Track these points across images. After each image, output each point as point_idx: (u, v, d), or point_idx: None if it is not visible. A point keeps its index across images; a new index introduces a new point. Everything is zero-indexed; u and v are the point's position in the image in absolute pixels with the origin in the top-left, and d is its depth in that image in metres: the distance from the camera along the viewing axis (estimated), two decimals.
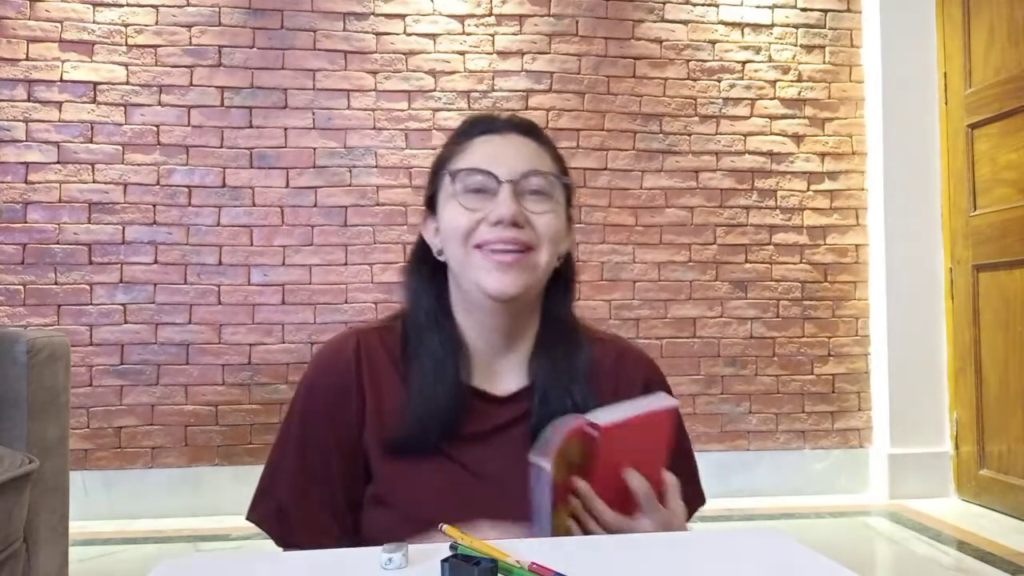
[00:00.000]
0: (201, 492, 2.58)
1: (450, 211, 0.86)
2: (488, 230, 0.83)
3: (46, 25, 2.61)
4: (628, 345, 0.98)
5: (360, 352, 0.87)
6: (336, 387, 0.86)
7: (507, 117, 0.92)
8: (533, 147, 0.88)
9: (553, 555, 0.62)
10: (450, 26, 2.78)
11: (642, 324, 2.81)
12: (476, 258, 0.84)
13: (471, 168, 0.85)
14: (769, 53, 2.92)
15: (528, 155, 0.87)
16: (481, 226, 0.83)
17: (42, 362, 1.45)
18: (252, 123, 2.69)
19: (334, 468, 0.85)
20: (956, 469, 2.76)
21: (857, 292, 2.91)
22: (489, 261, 0.83)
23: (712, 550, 0.70)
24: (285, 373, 2.65)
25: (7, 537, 1.25)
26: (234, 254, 2.66)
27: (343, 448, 0.85)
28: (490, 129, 0.89)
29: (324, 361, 0.89)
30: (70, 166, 2.60)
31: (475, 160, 0.86)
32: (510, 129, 0.89)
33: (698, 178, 2.87)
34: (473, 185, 0.85)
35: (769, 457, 2.79)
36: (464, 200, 0.84)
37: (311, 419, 0.86)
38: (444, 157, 0.91)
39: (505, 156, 0.86)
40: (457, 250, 0.85)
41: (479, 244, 0.83)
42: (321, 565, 0.67)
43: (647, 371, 0.95)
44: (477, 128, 0.90)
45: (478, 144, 0.88)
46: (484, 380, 0.89)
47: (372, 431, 0.85)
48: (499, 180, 0.84)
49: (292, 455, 0.85)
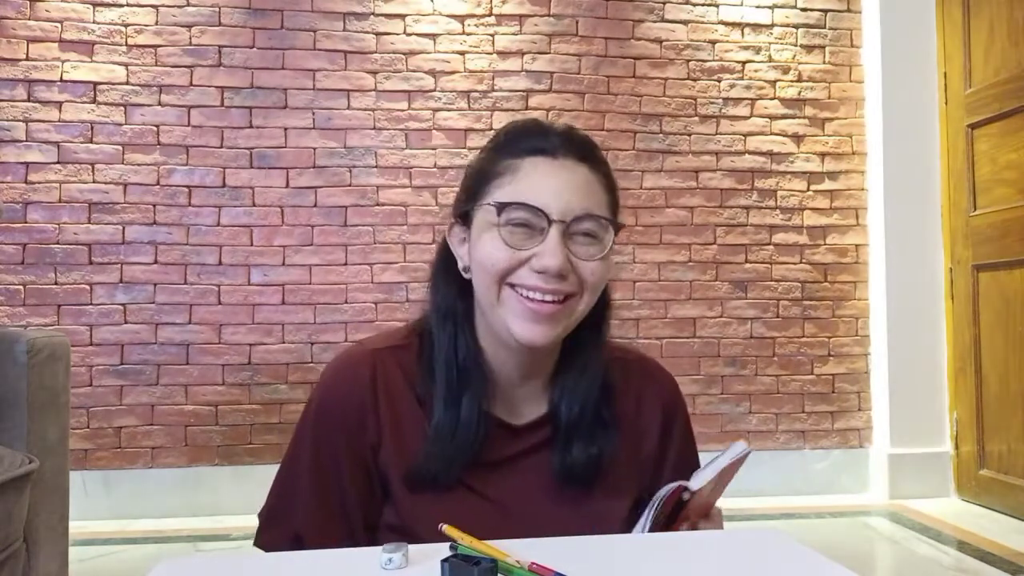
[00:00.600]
0: (201, 492, 2.57)
1: (489, 242, 0.77)
2: (528, 274, 0.76)
3: (46, 25, 2.61)
4: (650, 367, 0.93)
5: (376, 374, 0.82)
6: (351, 410, 0.81)
7: (562, 132, 0.81)
8: (588, 176, 0.79)
9: (553, 555, 0.62)
10: (450, 26, 2.78)
11: (642, 324, 2.81)
12: (510, 299, 0.77)
13: (519, 203, 0.76)
14: (769, 53, 2.92)
15: (583, 189, 0.78)
16: (522, 269, 0.76)
17: (42, 362, 1.45)
18: (252, 123, 2.69)
19: (351, 492, 0.81)
20: (956, 469, 2.76)
21: (857, 292, 2.91)
22: (523, 306, 0.77)
23: (712, 550, 0.70)
24: (285, 373, 2.65)
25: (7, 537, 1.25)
26: (234, 254, 2.66)
27: (360, 472, 0.81)
28: (543, 149, 0.79)
29: (338, 382, 0.83)
30: (70, 166, 2.60)
31: (524, 191, 0.76)
32: (566, 151, 0.79)
33: (698, 178, 2.87)
34: (518, 220, 0.76)
35: (769, 457, 2.79)
36: (507, 235, 0.76)
37: (326, 443, 0.81)
38: (486, 170, 0.81)
39: (559, 189, 0.76)
40: (489, 285, 0.78)
41: (515, 283, 0.77)
42: (321, 565, 0.67)
43: (667, 396, 0.91)
44: (528, 143, 0.79)
45: (528, 168, 0.78)
46: (503, 408, 0.85)
47: (389, 454, 0.81)
48: (550, 220, 0.75)
49: (306, 479, 0.81)
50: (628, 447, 0.86)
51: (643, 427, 0.88)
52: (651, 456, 0.88)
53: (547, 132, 0.81)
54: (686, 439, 0.91)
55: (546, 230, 0.76)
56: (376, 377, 0.82)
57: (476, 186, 0.81)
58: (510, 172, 0.79)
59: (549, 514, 0.80)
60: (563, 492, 0.82)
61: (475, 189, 0.81)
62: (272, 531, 0.83)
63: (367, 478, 0.81)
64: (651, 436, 0.88)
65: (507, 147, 0.81)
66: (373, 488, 0.82)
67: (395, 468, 0.81)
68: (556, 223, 0.76)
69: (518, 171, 0.78)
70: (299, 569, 0.66)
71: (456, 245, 0.84)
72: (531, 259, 0.76)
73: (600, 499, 0.82)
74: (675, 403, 0.91)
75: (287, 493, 0.83)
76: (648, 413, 0.88)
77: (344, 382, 0.83)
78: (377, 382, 0.82)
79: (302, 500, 0.81)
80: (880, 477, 2.78)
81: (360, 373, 0.82)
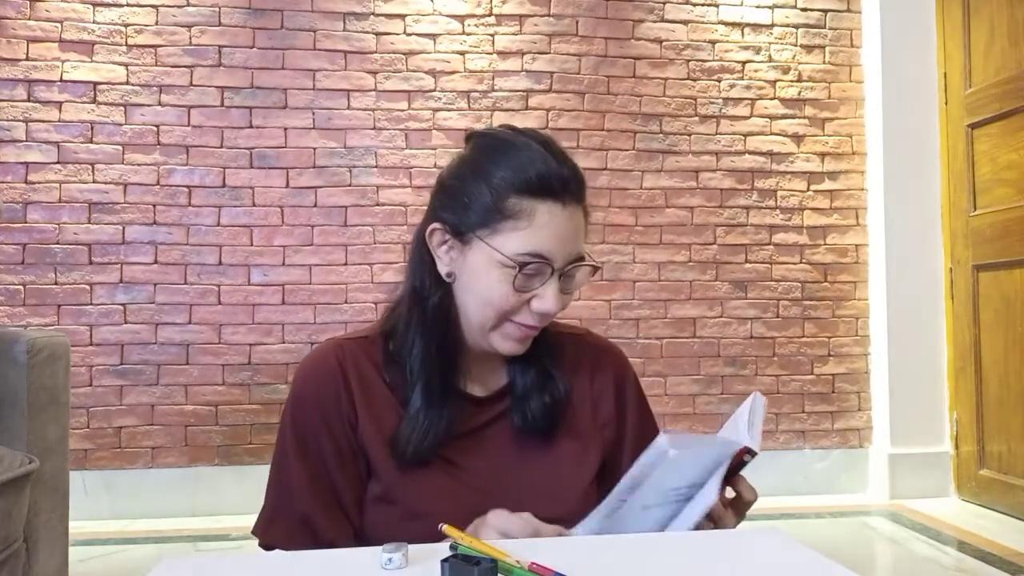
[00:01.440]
0: (201, 492, 2.58)
1: (498, 283, 0.83)
2: (527, 313, 0.84)
3: (46, 25, 2.61)
4: (599, 339, 1.02)
5: (343, 357, 0.88)
6: (323, 393, 0.87)
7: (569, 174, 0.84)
8: (580, 217, 0.86)
9: (553, 555, 0.62)
10: (450, 26, 2.78)
11: (642, 324, 2.81)
12: (506, 327, 0.86)
13: (535, 255, 0.81)
14: (769, 53, 2.92)
15: (579, 234, 0.85)
16: (524, 309, 0.84)
17: (42, 362, 1.45)
18: (252, 123, 2.69)
19: (337, 471, 0.86)
20: (956, 469, 2.76)
21: (857, 292, 2.91)
22: (517, 333, 0.86)
23: (712, 550, 0.70)
24: (285, 373, 2.65)
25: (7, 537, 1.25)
26: (234, 254, 2.66)
27: (342, 450, 0.86)
28: (559, 196, 0.82)
29: (307, 371, 0.89)
30: (70, 166, 2.60)
31: (541, 242, 0.81)
32: (575, 198, 0.84)
33: (698, 178, 2.87)
34: (530, 271, 0.82)
35: (769, 457, 2.79)
36: (519, 283, 0.82)
37: (305, 429, 0.86)
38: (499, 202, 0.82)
39: (565, 239, 0.83)
40: (487, 316, 0.85)
41: (513, 319, 0.85)
42: (321, 565, 0.67)
43: (617, 364, 0.99)
44: (544, 185, 0.82)
45: (544, 217, 0.82)
46: (471, 382, 0.92)
47: (367, 431, 0.86)
48: (553, 269, 0.83)
49: (297, 468, 0.85)
50: (587, 407, 0.95)
51: (598, 392, 0.96)
52: (611, 418, 0.96)
53: (557, 173, 0.83)
54: (639, 401, 1.00)
55: (548, 276, 0.83)
56: (344, 362, 0.88)
57: (481, 212, 0.83)
58: (527, 217, 0.82)
59: (519, 471, 0.88)
60: (529, 449, 0.89)
61: (480, 215, 0.83)
62: (278, 525, 0.86)
63: (351, 456, 0.87)
64: (607, 400, 0.96)
65: (521, 181, 0.82)
66: (357, 463, 0.87)
67: (374, 444, 0.86)
68: (557, 272, 0.84)
69: (534, 218, 0.82)
70: (299, 569, 0.66)
71: (436, 247, 0.88)
72: (531, 300, 0.84)
73: (564, 450, 0.90)
74: (625, 370, 1.00)
75: (283, 487, 0.87)
76: (602, 380, 0.97)
77: (314, 371, 0.88)
78: (346, 366, 0.88)
79: (297, 487, 0.85)
80: (880, 477, 2.78)
81: (328, 361, 0.88)
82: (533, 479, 0.88)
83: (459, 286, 0.87)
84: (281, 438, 0.88)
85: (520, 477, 0.88)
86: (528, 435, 0.90)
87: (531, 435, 0.90)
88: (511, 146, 0.85)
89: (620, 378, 0.98)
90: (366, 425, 0.86)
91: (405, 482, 0.85)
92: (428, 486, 0.85)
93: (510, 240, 0.82)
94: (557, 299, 0.83)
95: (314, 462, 0.85)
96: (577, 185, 0.85)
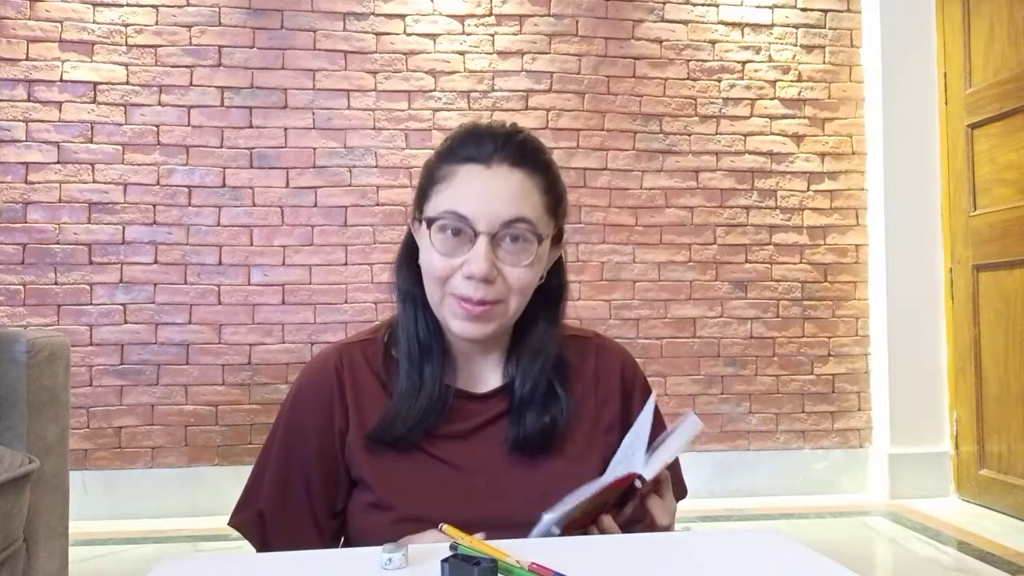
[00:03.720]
0: (201, 492, 2.58)
1: (426, 251, 0.85)
2: (462, 282, 0.82)
3: (46, 25, 2.61)
4: (606, 343, 1.00)
5: (342, 365, 0.89)
6: (318, 400, 0.88)
7: (500, 140, 0.85)
8: (522, 182, 0.83)
9: (553, 555, 0.62)
10: (450, 26, 2.78)
11: (642, 324, 2.81)
12: (448, 301, 0.84)
13: (449, 212, 0.82)
14: (769, 53, 2.92)
15: (514, 196, 0.82)
16: (456, 276, 0.83)
17: (42, 362, 1.45)
18: (252, 123, 2.69)
19: (315, 477, 0.87)
20: (956, 469, 2.76)
21: (857, 292, 2.91)
22: (460, 309, 0.83)
23: (712, 550, 0.70)
24: (285, 373, 2.65)
25: (7, 537, 1.25)
26: (234, 254, 2.66)
27: (324, 458, 0.87)
28: (477, 157, 0.83)
29: (308, 375, 0.91)
30: (70, 166, 2.60)
31: (455, 201, 0.82)
32: (500, 159, 0.83)
33: (698, 178, 2.87)
34: (449, 228, 0.82)
35: (769, 457, 2.79)
36: (439, 244, 0.83)
37: (294, 430, 0.88)
38: (432, 175, 0.87)
39: (488, 198, 0.82)
40: (433, 289, 0.85)
41: (450, 289, 0.84)
42: (321, 565, 0.67)
43: (623, 364, 0.97)
44: (465, 150, 0.84)
45: (462, 176, 0.83)
46: (465, 379, 0.91)
47: (356, 437, 0.87)
48: (475, 230, 0.81)
49: (274, 465, 0.88)
50: (589, 417, 0.92)
51: (603, 397, 0.93)
52: (615, 421, 0.93)
53: (483, 138, 0.85)
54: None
55: (474, 239, 0.82)
56: (342, 368, 0.89)
57: (425, 188, 0.87)
58: (446, 180, 0.84)
59: (510, 479, 0.86)
60: (522, 459, 0.88)
61: (424, 191, 0.88)
62: (242, 512, 0.89)
63: (332, 464, 0.87)
64: (612, 403, 0.94)
65: (448, 153, 0.86)
66: (337, 474, 0.87)
67: (362, 451, 0.86)
68: (483, 233, 0.81)
69: (453, 179, 0.84)
70: (299, 569, 0.66)
71: (418, 237, 0.90)
72: (463, 266, 0.82)
73: (558, 465, 0.87)
74: (632, 370, 0.97)
75: (258, 477, 0.89)
76: (607, 383, 0.94)
77: (313, 374, 0.90)
78: (343, 372, 0.89)
79: (269, 482, 0.87)
80: (880, 477, 2.78)
81: (327, 365, 0.90)
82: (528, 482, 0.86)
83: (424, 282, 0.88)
84: (273, 428, 0.90)
85: (516, 480, 0.86)
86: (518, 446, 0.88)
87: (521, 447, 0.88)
88: (456, 129, 0.89)
89: (628, 381, 0.95)
90: (356, 432, 0.87)
91: (397, 486, 0.84)
92: (421, 488, 0.84)
93: (434, 204, 0.84)
94: (484, 261, 0.80)
95: (291, 465, 0.87)
96: (510, 149, 0.84)
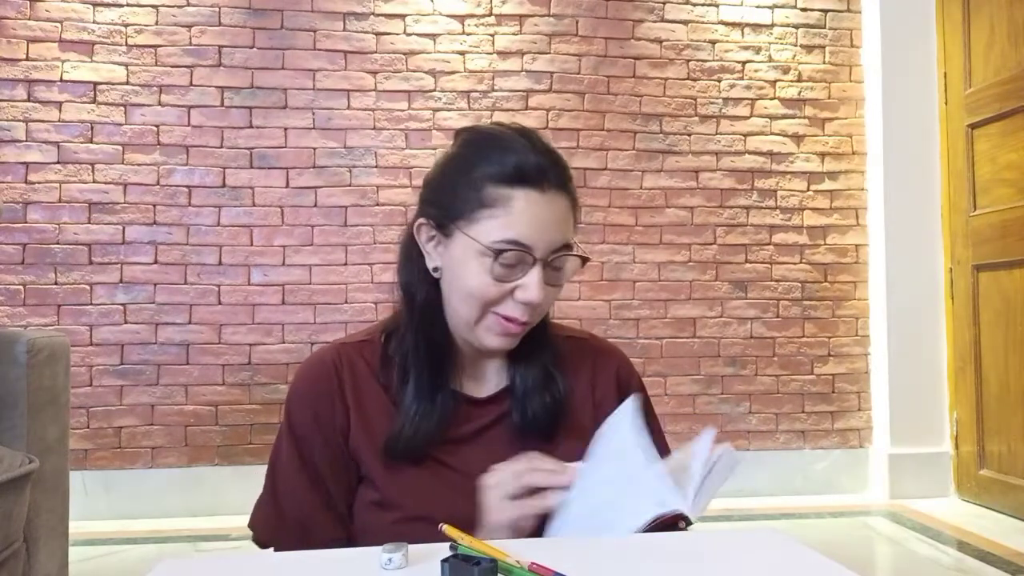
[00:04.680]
0: (201, 492, 2.58)
1: (477, 273, 0.82)
2: (511, 304, 0.83)
3: (46, 25, 2.61)
4: (601, 342, 1.01)
5: (339, 362, 0.89)
6: (318, 395, 0.87)
7: (548, 160, 0.83)
8: (565, 205, 0.84)
9: (553, 555, 0.62)
10: (450, 26, 2.78)
11: (642, 324, 2.81)
12: (489, 320, 0.84)
13: (511, 241, 0.80)
14: (769, 53, 2.92)
15: (561, 222, 0.83)
16: (507, 300, 0.83)
17: (42, 362, 1.45)
18: (252, 123, 2.69)
19: (330, 476, 0.86)
20: (956, 469, 2.76)
21: (857, 292, 2.91)
22: (500, 327, 0.84)
23: (712, 550, 0.70)
24: (285, 373, 2.65)
25: (7, 537, 1.25)
26: (234, 254, 2.66)
27: (334, 453, 0.87)
28: (531, 181, 0.81)
29: (303, 374, 0.90)
30: (70, 166, 2.60)
31: (517, 229, 0.80)
32: (550, 183, 0.82)
33: (698, 178, 2.87)
34: (508, 259, 0.81)
35: (769, 457, 2.79)
36: (496, 271, 0.81)
37: (301, 431, 0.87)
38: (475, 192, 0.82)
39: (545, 226, 0.81)
40: (471, 308, 0.84)
41: (496, 310, 0.83)
42: (321, 565, 0.67)
43: (619, 366, 0.98)
44: (522, 175, 0.81)
45: (521, 203, 0.81)
46: (468, 382, 0.92)
47: (359, 436, 0.86)
48: (535, 258, 0.81)
49: (294, 471, 0.86)
50: (587, 417, 0.91)
51: (599, 398, 0.94)
52: None
53: (537, 159, 0.82)
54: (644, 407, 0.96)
55: (530, 265, 0.82)
56: (339, 367, 0.88)
57: (461, 204, 0.83)
58: (502, 205, 0.81)
59: None
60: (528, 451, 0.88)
61: (460, 206, 0.83)
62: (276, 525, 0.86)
63: (343, 463, 0.87)
64: (609, 406, 0.93)
65: (499, 173, 0.82)
66: (349, 468, 0.87)
67: (365, 449, 0.86)
68: (539, 260, 0.82)
69: (510, 205, 0.81)
70: (299, 569, 0.66)
71: (424, 242, 0.88)
72: (514, 290, 0.82)
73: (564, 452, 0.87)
74: (628, 372, 0.98)
75: (281, 488, 0.87)
76: (603, 384, 0.95)
77: (310, 375, 0.89)
78: (341, 371, 0.88)
79: (296, 489, 0.86)
80: (880, 477, 2.78)
81: (324, 365, 0.89)
82: None
83: (445, 281, 0.87)
84: (279, 437, 0.89)
85: None
86: (528, 435, 0.89)
87: (531, 435, 0.89)
88: (492, 138, 0.86)
89: (623, 383, 0.96)
90: (358, 432, 0.86)
91: (401, 487, 0.84)
92: (425, 491, 0.84)
93: (487, 228, 0.81)
94: (540, 288, 0.81)
95: (311, 466, 0.86)
96: (558, 172, 0.84)
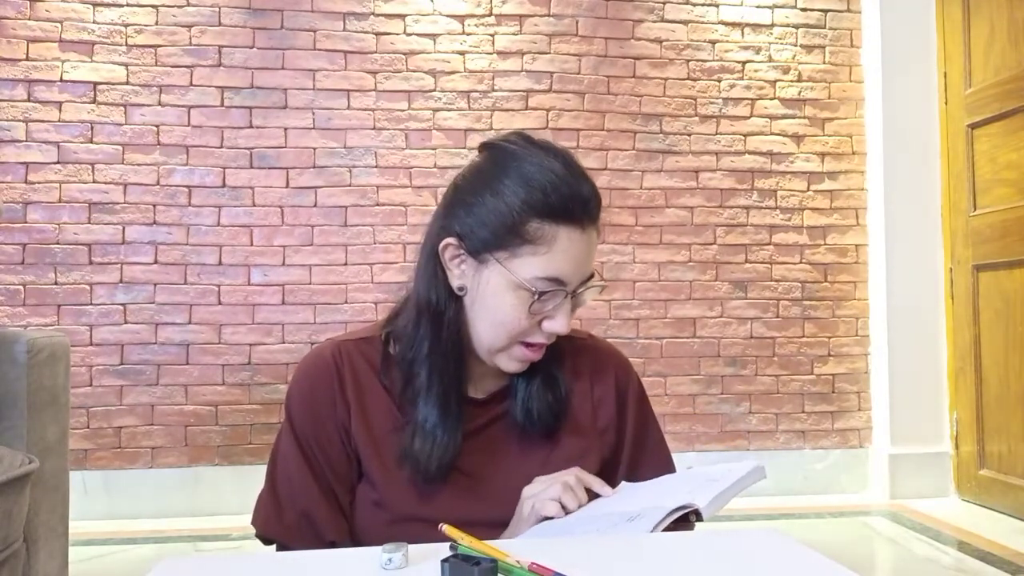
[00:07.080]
0: (201, 492, 2.58)
1: (513, 306, 0.82)
2: (538, 333, 0.85)
3: (46, 25, 2.61)
4: (601, 343, 1.01)
5: (340, 359, 0.88)
6: (318, 390, 0.87)
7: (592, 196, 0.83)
8: (596, 237, 0.86)
9: (553, 555, 0.62)
10: (450, 26, 2.78)
11: (642, 324, 2.81)
12: (515, 350, 0.85)
13: (553, 279, 0.81)
14: (769, 53, 2.92)
15: (593, 253, 0.85)
16: (534, 330, 0.84)
17: (42, 362, 1.45)
18: (252, 123, 2.69)
19: (332, 468, 0.86)
20: (956, 469, 2.76)
21: (857, 292, 2.90)
22: (523, 355, 0.86)
23: (712, 550, 0.70)
24: (285, 373, 2.65)
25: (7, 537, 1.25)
26: (234, 254, 2.66)
27: (335, 447, 0.86)
28: (574, 219, 0.81)
29: (304, 370, 0.89)
30: (70, 166, 2.60)
31: (557, 266, 0.81)
32: (592, 220, 0.84)
33: (698, 178, 2.87)
34: (546, 296, 0.82)
35: (769, 457, 2.79)
36: (534, 306, 0.82)
37: (301, 426, 0.86)
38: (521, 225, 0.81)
39: (581, 261, 0.83)
40: (499, 336, 0.84)
41: (523, 340, 0.85)
42: (321, 565, 0.67)
43: (618, 368, 0.98)
44: (567, 211, 0.81)
45: (564, 242, 0.81)
46: (469, 385, 0.91)
47: (360, 434, 0.86)
48: (567, 293, 0.83)
49: (297, 465, 0.86)
50: (586, 417, 0.93)
51: (598, 399, 0.95)
52: (611, 423, 0.94)
53: (584, 194, 0.82)
54: (641, 407, 0.97)
55: (562, 299, 0.83)
56: (340, 363, 0.88)
57: (502, 234, 0.82)
58: (547, 242, 0.81)
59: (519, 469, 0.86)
60: (529, 449, 0.89)
61: (500, 237, 0.82)
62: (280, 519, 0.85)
63: (344, 457, 0.87)
64: (607, 406, 0.95)
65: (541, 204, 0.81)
66: (351, 467, 0.87)
67: (365, 446, 0.86)
68: (570, 295, 0.84)
69: (554, 243, 0.81)
70: (299, 569, 0.66)
71: (449, 259, 0.86)
72: (543, 321, 0.84)
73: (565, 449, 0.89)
74: (627, 374, 0.98)
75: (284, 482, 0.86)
76: (602, 386, 0.95)
77: (310, 371, 0.88)
78: (341, 368, 0.88)
79: (299, 483, 0.85)
80: (880, 477, 2.78)
81: (324, 361, 0.88)
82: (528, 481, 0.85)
83: (470, 301, 0.86)
84: (280, 433, 0.89)
85: (520, 476, 0.86)
86: (528, 434, 0.89)
87: (533, 433, 0.89)
88: (532, 165, 0.82)
89: (622, 383, 0.96)
90: (359, 428, 0.86)
91: (401, 487, 0.84)
92: (425, 489, 0.84)
93: (528, 264, 0.81)
94: (569, 321, 0.84)
95: (311, 460, 0.86)
96: (596, 206, 0.84)
